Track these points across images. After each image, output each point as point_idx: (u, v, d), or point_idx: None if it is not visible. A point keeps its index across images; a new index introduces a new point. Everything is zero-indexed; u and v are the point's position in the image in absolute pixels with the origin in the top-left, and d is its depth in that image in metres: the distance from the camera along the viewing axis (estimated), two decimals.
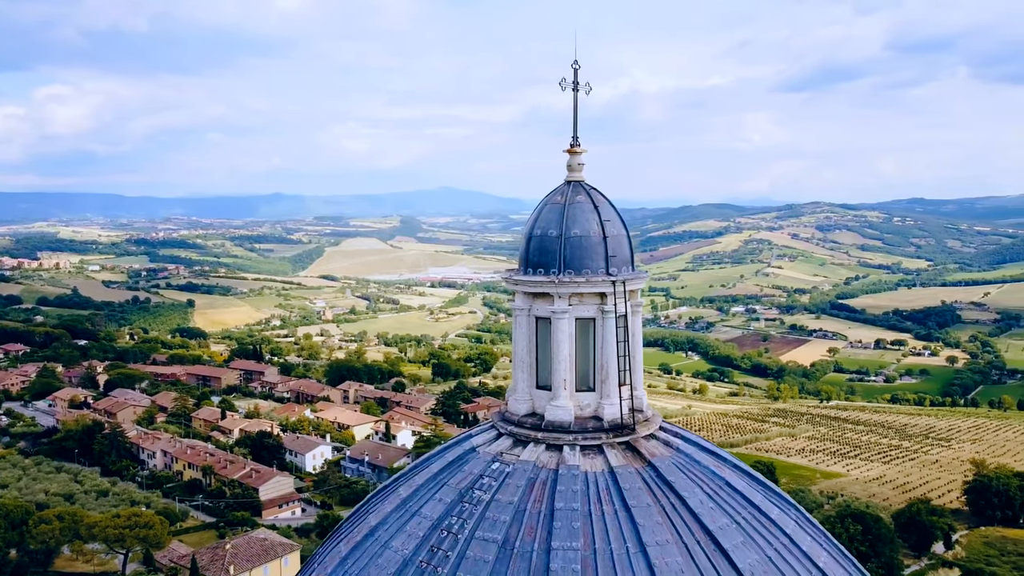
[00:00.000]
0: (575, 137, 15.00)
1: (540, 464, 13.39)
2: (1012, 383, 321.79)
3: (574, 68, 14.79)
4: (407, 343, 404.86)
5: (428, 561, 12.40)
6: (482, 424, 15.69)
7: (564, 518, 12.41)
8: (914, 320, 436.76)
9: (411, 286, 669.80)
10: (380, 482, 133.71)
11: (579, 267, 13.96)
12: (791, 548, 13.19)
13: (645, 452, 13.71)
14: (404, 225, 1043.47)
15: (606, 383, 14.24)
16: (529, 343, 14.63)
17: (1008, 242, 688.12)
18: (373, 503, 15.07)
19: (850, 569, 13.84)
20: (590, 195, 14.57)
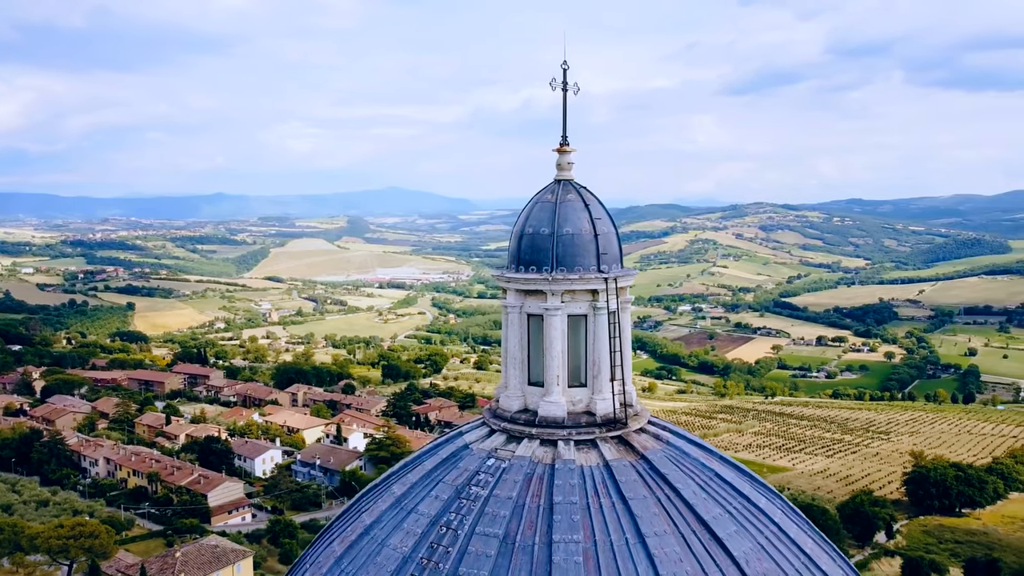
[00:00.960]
0: (564, 136, 15.20)
1: (536, 459, 13.55)
2: (946, 377, 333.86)
3: (563, 68, 14.99)
4: (356, 345, 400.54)
5: (429, 558, 12.45)
6: (472, 421, 15.76)
7: (563, 512, 12.60)
8: (853, 317, 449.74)
9: (359, 287, 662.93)
10: (332, 485, 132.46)
11: (571, 265, 14.16)
12: (780, 536, 13.61)
13: (637, 446, 14.00)
14: (351, 225, 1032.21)
15: (598, 379, 14.47)
16: (521, 340, 14.76)
17: (941, 241, 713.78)
18: (365, 502, 15.02)
19: (832, 555, 14.34)
20: (580, 193, 14.78)
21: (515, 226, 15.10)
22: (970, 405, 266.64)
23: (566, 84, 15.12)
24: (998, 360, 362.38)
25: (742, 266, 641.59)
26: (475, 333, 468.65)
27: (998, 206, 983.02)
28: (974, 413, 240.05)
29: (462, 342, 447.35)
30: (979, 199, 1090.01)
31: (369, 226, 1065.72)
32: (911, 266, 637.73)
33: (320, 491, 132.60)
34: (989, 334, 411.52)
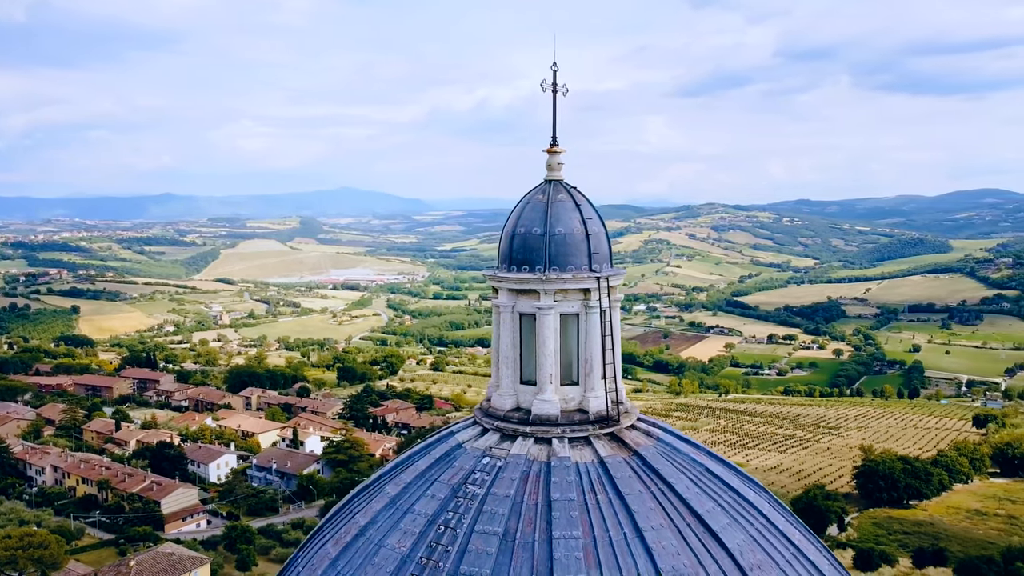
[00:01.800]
0: (554, 137, 15.33)
1: (531, 457, 13.67)
2: (892, 373, 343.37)
3: (553, 70, 15.13)
4: (310, 347, 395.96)
5: (428, 557, 12.47)
6: (462, 421, 15.80)
7: (562, 508, 12.74)
8: (803, 315, 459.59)
9: (312, 288, 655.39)
10: (289, 490, 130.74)
11: (564, 264, 14.30)
12: (770, 527, 13.96)
13: (630, 442, 14.22)
14: (304, 226, 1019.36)
15: (590, 376, 14.65)
16: (514, 339, 14.85)
17: (886, 240, 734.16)
18: (357, 503, 14.95)
19: (817, 546, 14.75)
20: (571, 193, 14.95)
21: (506, 226, 15.18)
22: (915, 400, 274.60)
23: (555, 85, 15.27)
24: (941, 356, 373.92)
25: (695, 266, 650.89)
26: (431, 334, 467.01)
27: (940, 207, 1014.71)
28: (919, 408, 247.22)
29: (418, 343, 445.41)
30: (922, 200, 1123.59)
31: (322, 227, 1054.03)
32: (858, 265, 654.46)
33: (277, 496, 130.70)
34: (932, 331, 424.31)
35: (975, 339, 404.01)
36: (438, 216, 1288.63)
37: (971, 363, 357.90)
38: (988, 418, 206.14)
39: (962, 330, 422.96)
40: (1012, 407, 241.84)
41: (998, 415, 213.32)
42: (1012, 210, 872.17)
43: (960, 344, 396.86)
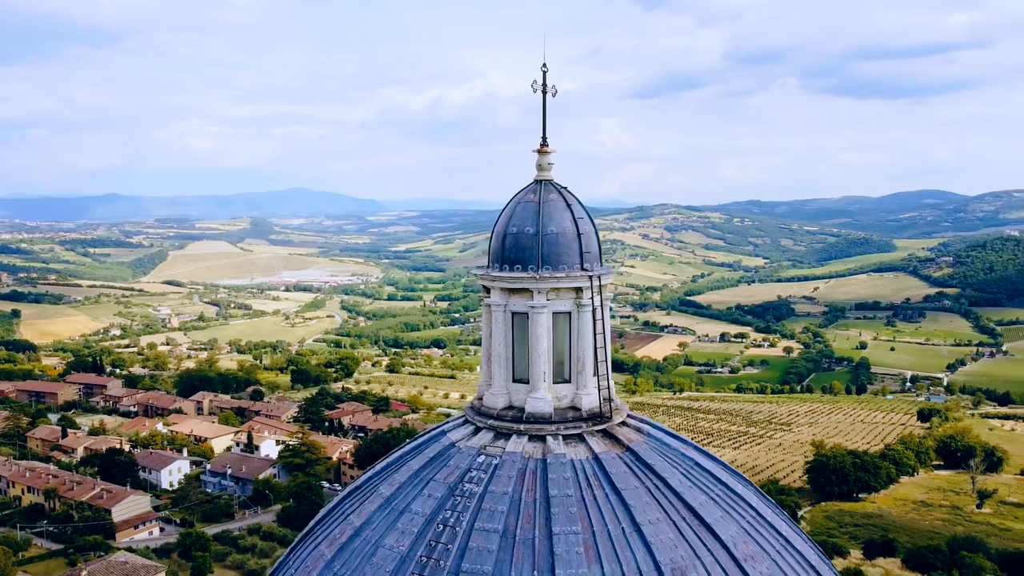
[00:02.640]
0: (544, 138, 15.46)
1: (527, 455, 13.79)
2: (840, 370, 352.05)
3: (543, 71, 15.25)
4: (262, 350, 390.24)
5: (428, 556, 12.49)
6: (452, 420, 15.83)
7: (560, 504, 12.88)
8: (754, 314, 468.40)
9: (264, 290, 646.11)
10: (245, 495, 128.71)
11: (556, 263, 14.45)
12: (759, 519, 14.31)
13: (623, 438, 14.44)
14: (255, 227, 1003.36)
15: (582, 374, 14.83)
16: (506, 338, 14.94)
17: (833, 240, 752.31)
18: (349, 504, 14.87)
19: (803, 537, 15.15)
20: (561, 193, 15.11)
21: (496, 226, 15.27)
22: (862, 396, 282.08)
23: (545, 86, 15.41)
24: (886, 352, 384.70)
25: (649, 266, 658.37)
26: (386, 336, 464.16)
27: (884, 207, 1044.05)
28: (866, 403, 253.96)
29: (373, 345, 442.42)
30: (867, 200, 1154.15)
31: (274, 227, 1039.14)
32: (806, 264, 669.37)
33: (232, 501, 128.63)
34: (878, 328, 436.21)
35: (918, 336, 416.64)
36: (392, 216, 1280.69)
37: (915, 359, 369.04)
38: (932, 412, 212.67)
39: (906, 327, 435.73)
40: (954, 401, 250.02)
41: (941, 409, 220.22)
42: (952, 210, 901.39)
43: (904, 341, 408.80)
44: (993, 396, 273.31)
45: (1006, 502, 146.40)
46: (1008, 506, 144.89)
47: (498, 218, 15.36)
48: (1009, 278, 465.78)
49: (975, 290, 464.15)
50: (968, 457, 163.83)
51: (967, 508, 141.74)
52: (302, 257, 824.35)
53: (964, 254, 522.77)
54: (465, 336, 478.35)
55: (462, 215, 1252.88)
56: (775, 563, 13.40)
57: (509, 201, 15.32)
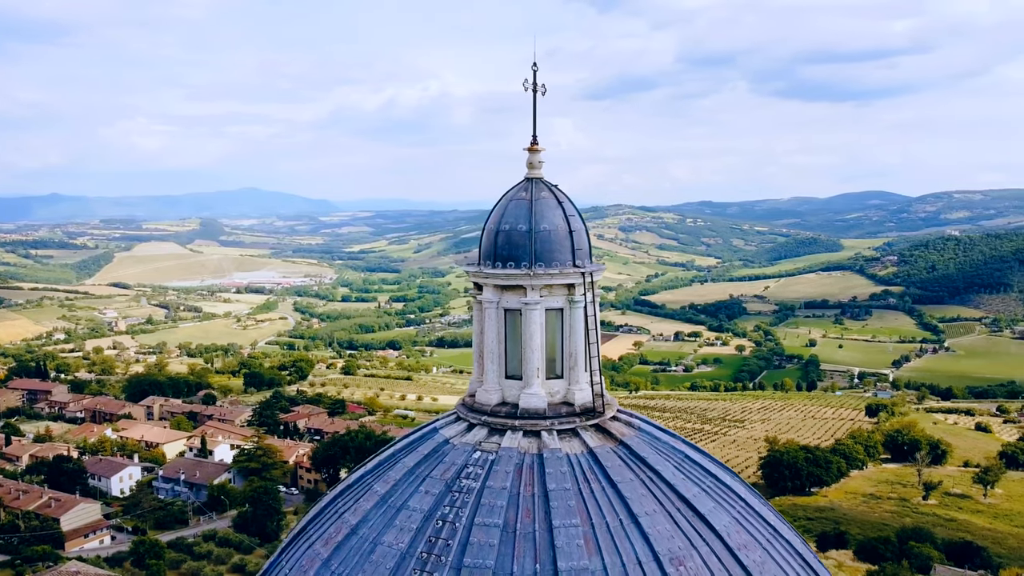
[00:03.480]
0: (534, 136, 15.58)
1: (522, 450, 13.90)
2: (790, 367, 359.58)
3: (533, 70, 15.37)
4: (214, 353, 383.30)
5: (429, 552, 12.52)
6: (443, 417, 15.85)
7: (559, 498, 13.03)
8: (707, 313, 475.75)
9: (215, 292, 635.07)
10: (200, 501, 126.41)
11: (549, 260, 14.58)
12: (748, 509, 14.65)
13: (615, 432, 14.65)
14: (205, 228, 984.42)
15: (574, 370, 15.01)
16: (499, 335, 15.03)
17: (783, 240, 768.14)
18: (342, 503, 14.78)
19: (787, 525, 15.55)
20: (552, 191, 15.25)
21: (488, 223, 15.35)
22: (812, 392, 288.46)
23: (536, 85, 15.54)
24: (834, 349, 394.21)
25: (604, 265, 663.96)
26: (340, 337, 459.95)
27: (831, 208, 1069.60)
28: (816, 399, 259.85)
29: (327, 347, 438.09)
30: (814, 201, 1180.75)
31: (224, 228, 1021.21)
32: (757, 264, 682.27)
33: (186, 507, 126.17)
34: (826, 326, 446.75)
35: (865, 333, 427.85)
36: (345, 217, 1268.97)
37: (862, 356, 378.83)
38: (879, 407, 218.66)
39: (853, 325, 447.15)
40: (900, 397, 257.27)
41: (888, 405, 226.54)
42: (896, 211, 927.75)
43: (852, 338, 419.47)
44: (937, 391, 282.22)
45: (950, 493, 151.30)
46: (952, 497, 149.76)
47: (489, 215, 15.45)
48: (950, 277, 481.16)
49: (919, 288, 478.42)
50: (914, 450, 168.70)
51: (914, 500, 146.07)
52: (254, 258, 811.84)
53: (908, 253, 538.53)
54: (421, 337, 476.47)
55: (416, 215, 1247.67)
56: (766, 551, 13.75)
57: (500, 198, 15.42)
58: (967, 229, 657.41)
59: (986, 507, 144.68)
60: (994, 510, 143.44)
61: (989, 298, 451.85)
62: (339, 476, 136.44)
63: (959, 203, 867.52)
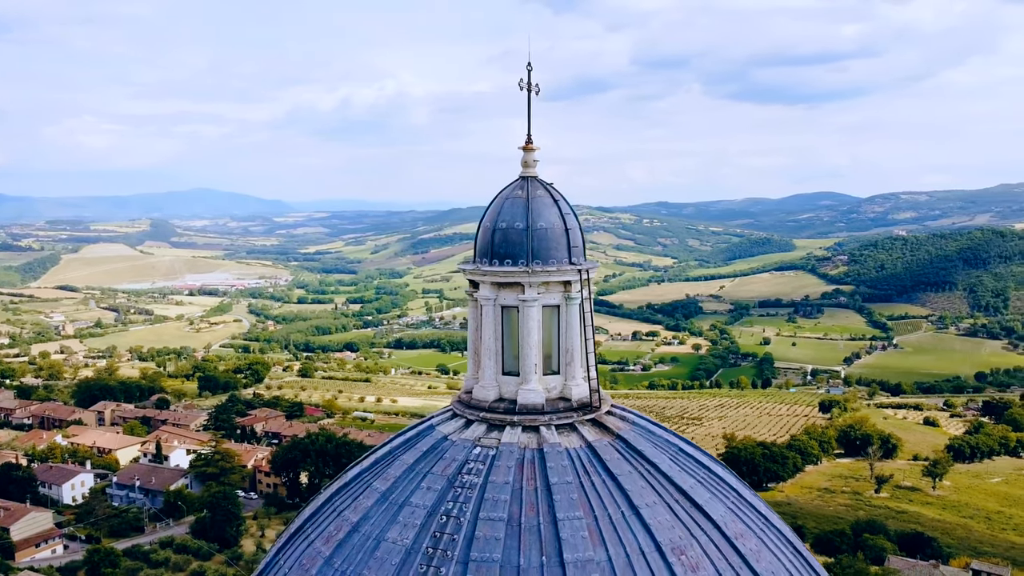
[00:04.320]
0: (529, 135, 15.73)
1: (522, 445, 14.06)
2: (746, 365, 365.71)
3: (528, 69, 15.51)
4: (166, 356, 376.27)
5: (434, 547, 12.59)
6: (438, 414, 15.91)
7: (562, 491, 13.21)
8: (664, 313, 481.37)
9: (166, 295, 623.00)
10: (156, 507, 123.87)
11: (546, 257, 14.75)
12: (741, 500, 15.02)
13: (612, 426, 14.90)
14: (155, 229, 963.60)
15: (571, 366, 15.21)
16: (496, 332, 15.14)
17: (737, 240, 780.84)
18: (340, 501, 14.74)
19: (775, 515, 15.94)
20: (548, 190, 15.42)
21: (483, 221, 15.48)
22: (767, 389, 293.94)
23: (530, 84, 15.69)
24: (788, 347, 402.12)
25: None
26: (297, 339, 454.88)
27: (783, 208, 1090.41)
28: (771, 396, 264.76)
29: (283, 349, 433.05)
30: (768, 202, 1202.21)
31: (176, 229, 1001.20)
32: (712, 264, 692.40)
33: (142, 514, 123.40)
34: (780, 324, 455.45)
35: (817, 331, 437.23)
36: (300, 218, 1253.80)
37: (814, 353, 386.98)
38: (832, 404, 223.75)
39: (806, 323, 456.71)
40: (852, 393, 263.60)
41: (840, 400, 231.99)
42: (846, 211, 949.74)
43: (804, 336, 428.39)
44: (886, 387, 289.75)
45: (901, 486, 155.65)
46: (903, 490, 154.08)
47: (484, 213, 15.58)
48: (898, 275, 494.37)
49: (868, 287, 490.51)
50: (866, 445, 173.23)
51: (867, 493, 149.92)
52: (207, 260, 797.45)
53: (858, 253, 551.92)
54: (379, 339, 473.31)
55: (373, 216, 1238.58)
56: (761, 540, 14.12)
57: (495, 196, 15.56)
58: (913, 229, 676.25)
59: (935, 499, 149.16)
60: (943, 502, 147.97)
61: (935, 296, 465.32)
62: (300, 480, 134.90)
63: (906, 204, 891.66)
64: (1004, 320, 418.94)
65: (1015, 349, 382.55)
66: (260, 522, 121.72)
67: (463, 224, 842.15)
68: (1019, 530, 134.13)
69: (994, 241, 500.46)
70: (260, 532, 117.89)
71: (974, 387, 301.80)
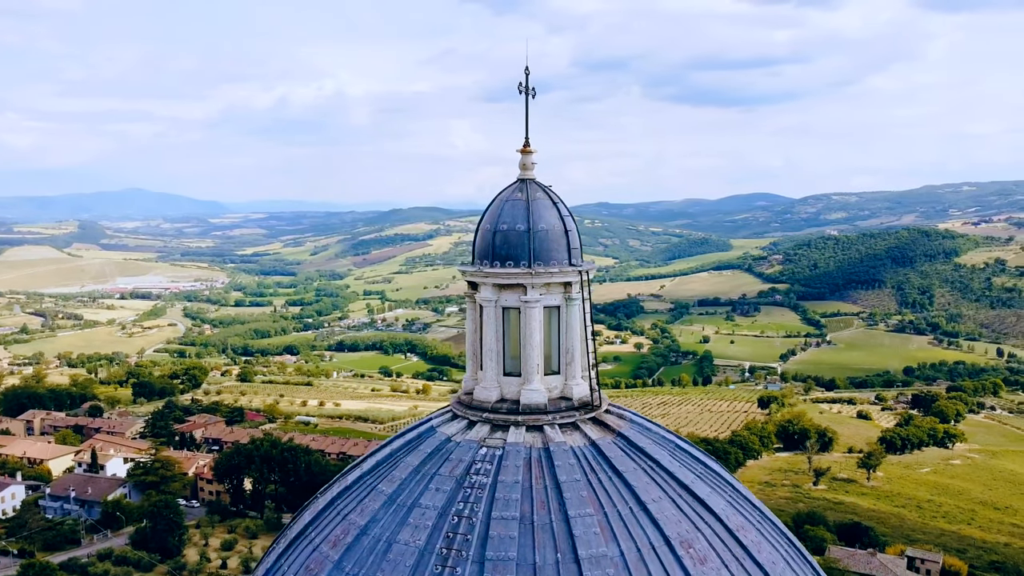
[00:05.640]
0: (527, 138, 15.84)
1: (527, 444, 14.19)
2: (686, 363, 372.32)
3: (526, 73, 15.62)
4: (97, 363, 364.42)
5: (449, 547, 12.62)
6: (437, 416, 15.91)
7: (572, 489, 13.40)
8: (606, 312, 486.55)
9: (97, 299, 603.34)
10: (92, 519, 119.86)
11: (547, 259, 14.91)
12: (736, 493, 15.46)
13: (612, 424, 15.14)
14: (84, 231, 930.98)
15: (571, 365, 15.41)
16: (497, 333, 15.22)
17: (676, 240, 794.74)
18: (343, 505, 14.61)
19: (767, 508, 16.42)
20: (547, 192, 15.58)
21: (483, 223, 15.54)
22: (708, 387, 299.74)
23: (528, 88, 15.81)
24: (727, 345, 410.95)
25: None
26: (235, 343, 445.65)
27: (720, 209, 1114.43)
28: (712, 393, 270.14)
29: (221, 353, 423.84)
30: (705, 203, 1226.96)
31: (106, 231, 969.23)
32: (653, 264, 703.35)
33: (78, 526, 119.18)
34: (718, 323, 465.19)
35: (754, 329, 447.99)
36: (237, 219, 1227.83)
37: (752, 350, 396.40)
38: (770, 399, 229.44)
39: (743, 321, 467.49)
40: (789, 388, 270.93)
41: (778, 396, 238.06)
42: (780, 212, 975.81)
43: (742, 334, 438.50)
44: (821, 382, 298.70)
45: (837, 478, 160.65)
46: (839, 482, 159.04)
47: (483, 216, 15.66)
48: (831, 274, 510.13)
49: (802, 285, 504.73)
50: (804, 439, 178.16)
51: (805, 486, 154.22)
52: (139, 262, 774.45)
53: (792, 252, 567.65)
54: (320, 342, 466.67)
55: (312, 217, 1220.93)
56: (759, 531, 14.56)
57: (494, 199, 15.65)
58: (844, 229, 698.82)
59: (870, 490, 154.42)
60: (877, 492, 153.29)
61: (865, 294, 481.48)
62: (244, 486, 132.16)
63: (837, 204, 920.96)
64: (929, 316, 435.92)
65: (940, 344, 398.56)
66: (203, 531, 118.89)
67: (404, 225, 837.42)
68: (948, 518, 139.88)
69: (920, 240, 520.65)
70: (204, 541, 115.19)
71: (903, 381, 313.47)
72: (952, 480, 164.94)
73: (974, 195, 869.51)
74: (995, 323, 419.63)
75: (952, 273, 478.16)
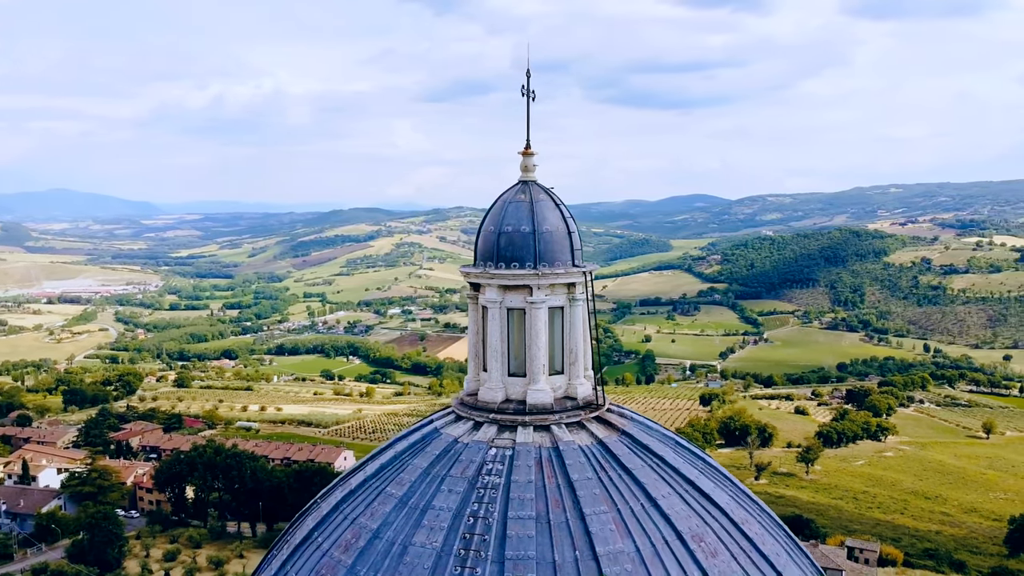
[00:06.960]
0: (528, 140, 15.89)
1: (536, 444, 14.25)
2: (629, 362, 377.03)
3: (527, 75, 15.67)
4: (24, 370, 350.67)
5: (467, 548, 12.60)
6: (439, 417, 15.83)
7: (584, 487, 13.52)
8: None
9: (21, 303, 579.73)
10: (25, 532, 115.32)
11: (551, 260, 15.00)
12: (736, 488, 15.82)
13: (616, 423, 15.32)
14: (7, 233, 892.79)
15: (575, 365, 15.53)
16: (502, 334, 15.23)
17: (618, 241, 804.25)
18: (351, 509, 14.42)
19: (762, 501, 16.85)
20: (549, 194, 15.66)
21: (486, 224, 15.54)
22: (651, 385, 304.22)
23: (529, 90, 15.87)
24: (668, 344, 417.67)
25: (447, 268, 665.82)
26: (170, 348, 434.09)
27: (661, 210, 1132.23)
28: (655, 391, 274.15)
29: (156, 359, 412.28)
30: (645, 204, 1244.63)
31: (31, 233, 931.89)
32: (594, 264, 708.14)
33: (10, 540, 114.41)
34: (660, 322, 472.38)
35: (694, 327, 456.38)
36: (171, 220, 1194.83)
37: (692, 349, 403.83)
38: (712, 397, 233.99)
39: (684, 320, 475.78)
40: (729, 386, 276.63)
41: (719, 394, 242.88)
42: (718, 213, 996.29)
43: (683, 333, 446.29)
44: (759, 379, 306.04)
45: (778, 472, 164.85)
46: (780, 476, 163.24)
47: (485, 218, 15.67)
48: (767, 273, 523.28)
49: (740, 285, 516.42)
50: (745, 435, 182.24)
51: (747, 481, 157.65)
52: (67, 266, 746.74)
53: (730, 253, 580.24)
54: (259, 345, 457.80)
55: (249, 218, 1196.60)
56: (761, 525, 14.96)
57: (496, 200, 15.68)
58: (779, 229, 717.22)
59: (809, 483, 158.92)
60: (815, 485, 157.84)
61: (800, 292, 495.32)
62: (185, 495, 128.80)
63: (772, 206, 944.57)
64: (861, 314, 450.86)
65: (871, 341, 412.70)
66: (144, 541, 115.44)
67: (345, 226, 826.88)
68: (883, 508, 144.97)
69: (851, 240, 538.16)
70: (145, 552, 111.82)
71: (837, 377, 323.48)
72: (885, 472, 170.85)
73: (901, 196, 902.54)
74: (922, 320, 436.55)
75: (881, 272, 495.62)
